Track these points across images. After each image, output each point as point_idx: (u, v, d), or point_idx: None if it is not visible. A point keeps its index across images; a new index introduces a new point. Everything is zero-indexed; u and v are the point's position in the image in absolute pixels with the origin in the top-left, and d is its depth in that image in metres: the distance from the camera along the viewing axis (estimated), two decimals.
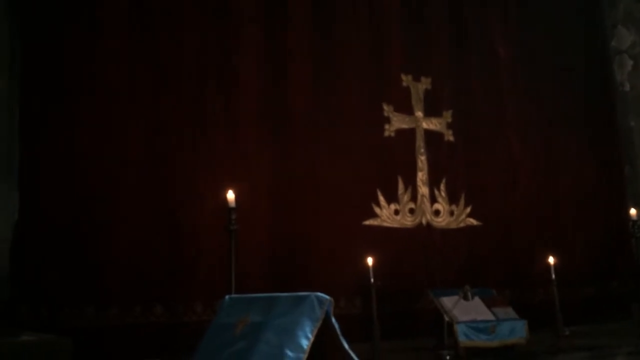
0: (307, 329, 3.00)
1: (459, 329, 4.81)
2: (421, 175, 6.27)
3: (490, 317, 5.00)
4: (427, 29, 6.65)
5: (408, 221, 6.14)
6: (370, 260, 4.99)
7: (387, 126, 6.21)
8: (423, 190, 6.25)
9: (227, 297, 3.50)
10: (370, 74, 6.23)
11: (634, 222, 5.77)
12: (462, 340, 4.80)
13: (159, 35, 5.33)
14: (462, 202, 6.41)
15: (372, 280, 4.89)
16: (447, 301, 5.06)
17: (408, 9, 6.57)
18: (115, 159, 4.97)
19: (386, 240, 5.86)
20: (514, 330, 4.95)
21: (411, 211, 6.17)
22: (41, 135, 4.82)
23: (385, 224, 5.98)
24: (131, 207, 4.95)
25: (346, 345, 3.19)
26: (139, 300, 4.81)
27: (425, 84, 6.49)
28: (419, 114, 6.40)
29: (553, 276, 5.34)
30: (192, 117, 5.34)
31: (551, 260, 5.41)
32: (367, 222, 5.88)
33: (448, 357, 4.74)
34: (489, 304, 5.14)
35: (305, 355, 2.95)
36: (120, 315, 4.73)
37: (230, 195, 4.56)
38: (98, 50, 5.06)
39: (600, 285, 6.93)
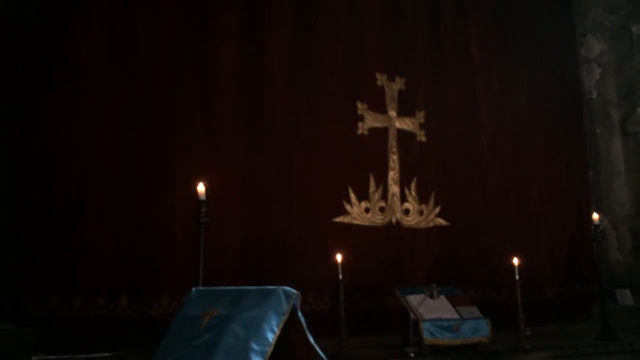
0: (273, 322, 3.02)
1: (424, 327, 4.86)
2: (392, 174, 6.33)
3: (455, 315, 5.06)
4: (404, 30, 6.71)
5: (378, 219, 6.19)
6: (339, 257, 5.01)
7: (360, 124, 6.25)
8: (394, 189, 6.32)
9: (193, 289, 3.49)
10: (346, 72, 6.25)
11: (596, 226, 5.93)
12: (427, 338, 4.86)
13: (134, 22, 5.26)
14: (431, 202, 6.49)
15: (340, 276, 4.91)
16: (414, 299, 5.11)
17: (386, 9, 6.62)
18: (84, 147, 4.90)
19: (356, 238, 5.90)
20: (478, 329, 5.02)
21: (381, 210, 6.23)
22: (6, 119, 4.72)
23: (355, 222, 6.03)
24: (99, 196, 4.88)
25: (312, 339, 3.21)
26: (103, 292, 4.76)
27: (399, 84, 6.55)
28: (393, 113, 6.46)
29: (517, 277, 5.44)
30: (166, 107, 5.29)
31: (515, 261, 5.51)
32: (337, 219, 5.93)
33: (412, 355, 4.80)
34: (454, 302, 5.20)
35: (271, 349, 2.97)
36: (84, 306, 4.67)
37: (201, 187, 4.54)
38: (71, 32, 4.99)
39: (563, 287, 7.11)
